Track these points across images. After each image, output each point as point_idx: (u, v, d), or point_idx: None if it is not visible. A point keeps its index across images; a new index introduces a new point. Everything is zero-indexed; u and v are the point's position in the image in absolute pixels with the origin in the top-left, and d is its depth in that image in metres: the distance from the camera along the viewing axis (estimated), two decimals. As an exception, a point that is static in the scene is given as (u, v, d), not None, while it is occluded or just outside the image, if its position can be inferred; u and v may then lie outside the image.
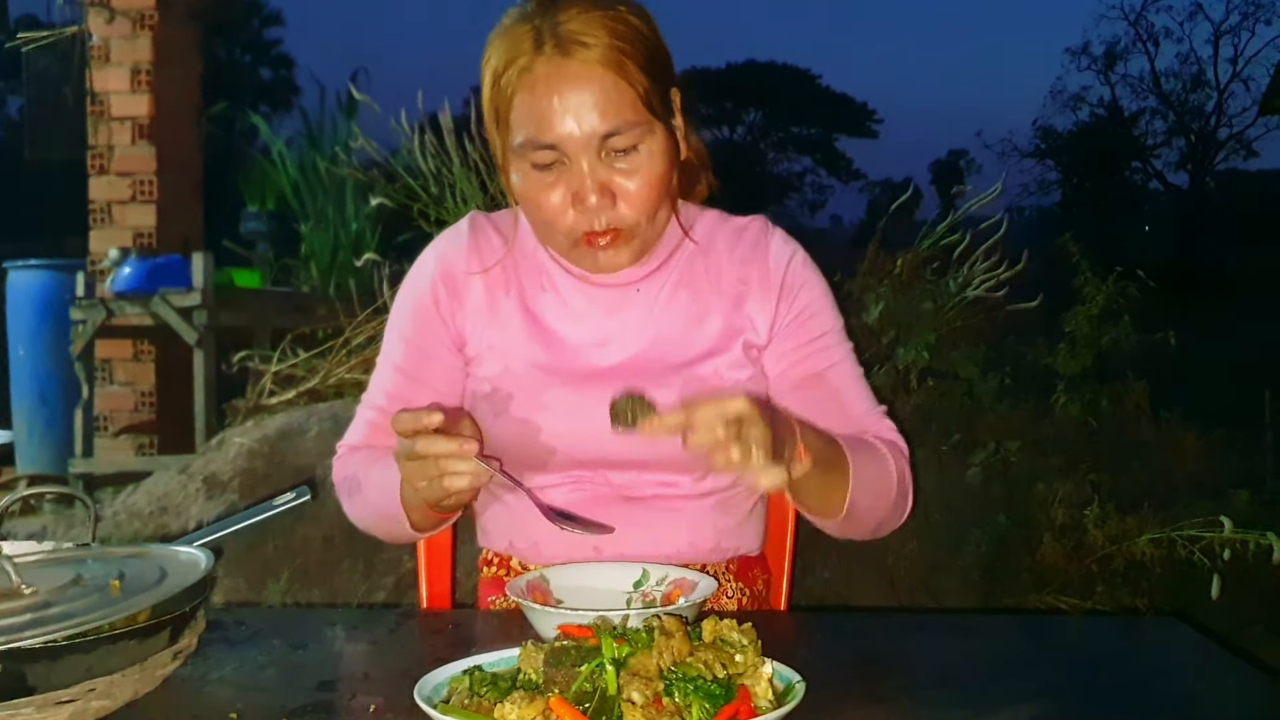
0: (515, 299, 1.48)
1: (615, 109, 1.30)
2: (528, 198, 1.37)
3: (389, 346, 1.53)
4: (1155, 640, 1.30)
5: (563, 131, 1.30)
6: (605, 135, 1.31)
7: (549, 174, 1.34)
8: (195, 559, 1.15)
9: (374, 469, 1.43)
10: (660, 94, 1.35)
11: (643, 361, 1.44)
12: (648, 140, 1.34)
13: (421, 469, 1.20)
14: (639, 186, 1.34)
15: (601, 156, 1.32)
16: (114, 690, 0.99)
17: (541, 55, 1.30)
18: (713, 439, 1.09)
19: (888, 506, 1.41)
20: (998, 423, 3.16)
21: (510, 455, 1.45)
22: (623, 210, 1.35)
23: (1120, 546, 2.81)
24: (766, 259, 1.48)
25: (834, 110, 41.01)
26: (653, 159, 1.34)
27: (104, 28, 5.53)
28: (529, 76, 1.31)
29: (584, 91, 1.30)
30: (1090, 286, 3.30)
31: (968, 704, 1.03)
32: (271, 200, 6.16)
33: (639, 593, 1.34)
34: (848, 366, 1.49)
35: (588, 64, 1.30)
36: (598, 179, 1.32)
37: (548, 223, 1.37)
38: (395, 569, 3.06)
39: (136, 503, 3.55)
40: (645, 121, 1.33)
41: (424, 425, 1.17)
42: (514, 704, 0.88)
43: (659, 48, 1.36)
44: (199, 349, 4.77)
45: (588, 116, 1.30)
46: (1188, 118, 32.13)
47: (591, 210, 1.33)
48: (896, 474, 1.41)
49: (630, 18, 1.33)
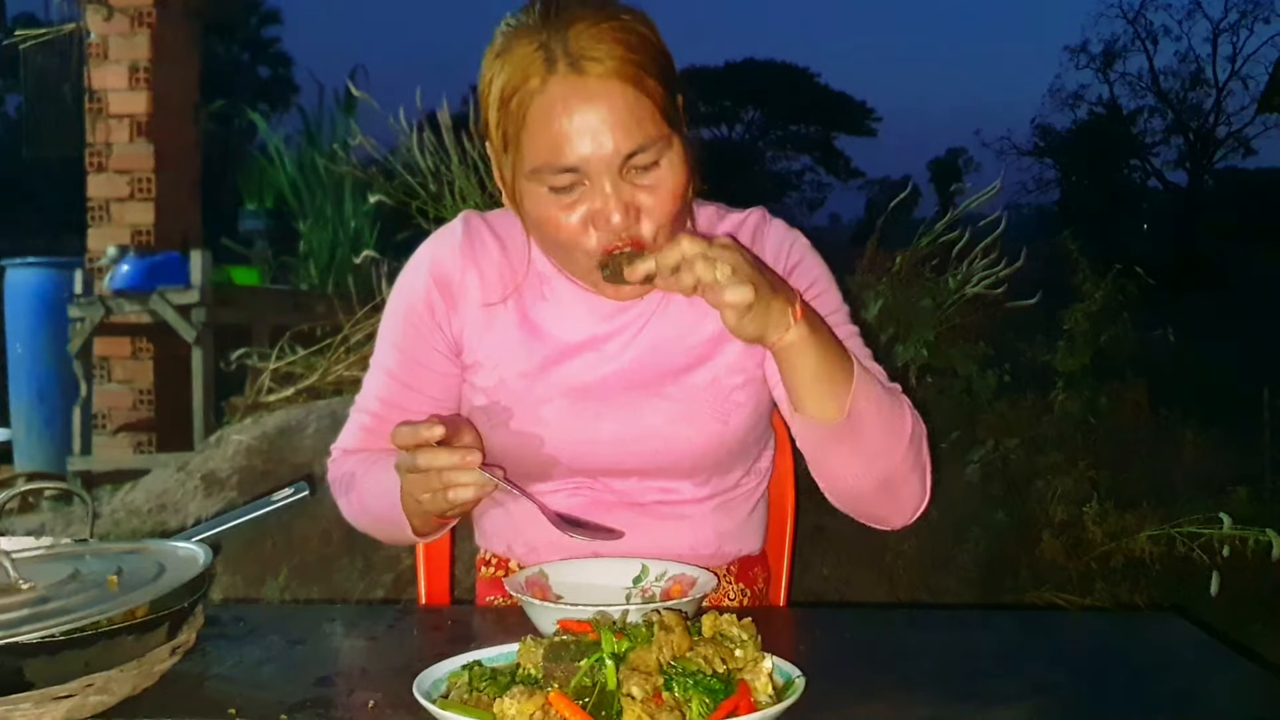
0: (513, 307, 1.44)
1: (637, 125, 1.24)
2: (546, 221, 1.30)
3: (382, 350, 1.49)
4: (1154, 635, 1.30)
5: (584, 153, 1.24)
6: (628, 154, 1.25)
7: (567, 195, 1.27)
8: (193, 554, 1.15)
9: (372, 472, 1.41)
10: (673, 102, 1.30)
11: (641, 368, 1.42)
12: (668, 154, 1.28)
13: (424, 482, 1.19)
14: (661, 201, 1.28)
15: (623, 174, 1.26)
16: (112, 686, 0.99)
17: (554, 75, 1.24)
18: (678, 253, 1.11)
19: (899, 451, 1.30)
20: (997, 420, 3.17)
21: (510, 465, 1.43)
22: (645, 226, 1.29)
23: (1119, 543, 2.82)
24: (766, 249, 1.45)
25: (833, 108, 40.97)
26: (674, 171, 1.29)
27: (102, 25, 5.53)
28: (543, 99, 1.24)
29: (603, 109, 1.23)
30: (1089, 284, 3.30)
31: (967, 699, 1.03)
32: (270, 198, 6.15)
33: (638, 588, 1.34)
34: (856, 347, 1.40)
35: (604, 80, 1.23)
36: (622, 199, 1.26)
37: (567, 245, 1.31)
38: (394, 566, 3.06)
39: (135, 500, 3.54)
40: (665, 135, 1.27)
41: (424, 439, 1.16)
42: (513, 699, 0.88)
43: (666, 54, 1.31)
44: (197, 347, 4.77)
45: (608, 136, 1.23)
46: (1186, 116, 32.14)
47: (614, 230, 1.27)
48: (911, 423, 1.31)
49: (638, 27, 1.27)
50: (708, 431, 1.41)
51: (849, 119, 41.54)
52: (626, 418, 1.40)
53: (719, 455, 1.43)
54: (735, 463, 1.47)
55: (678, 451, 1.41)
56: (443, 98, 3.87)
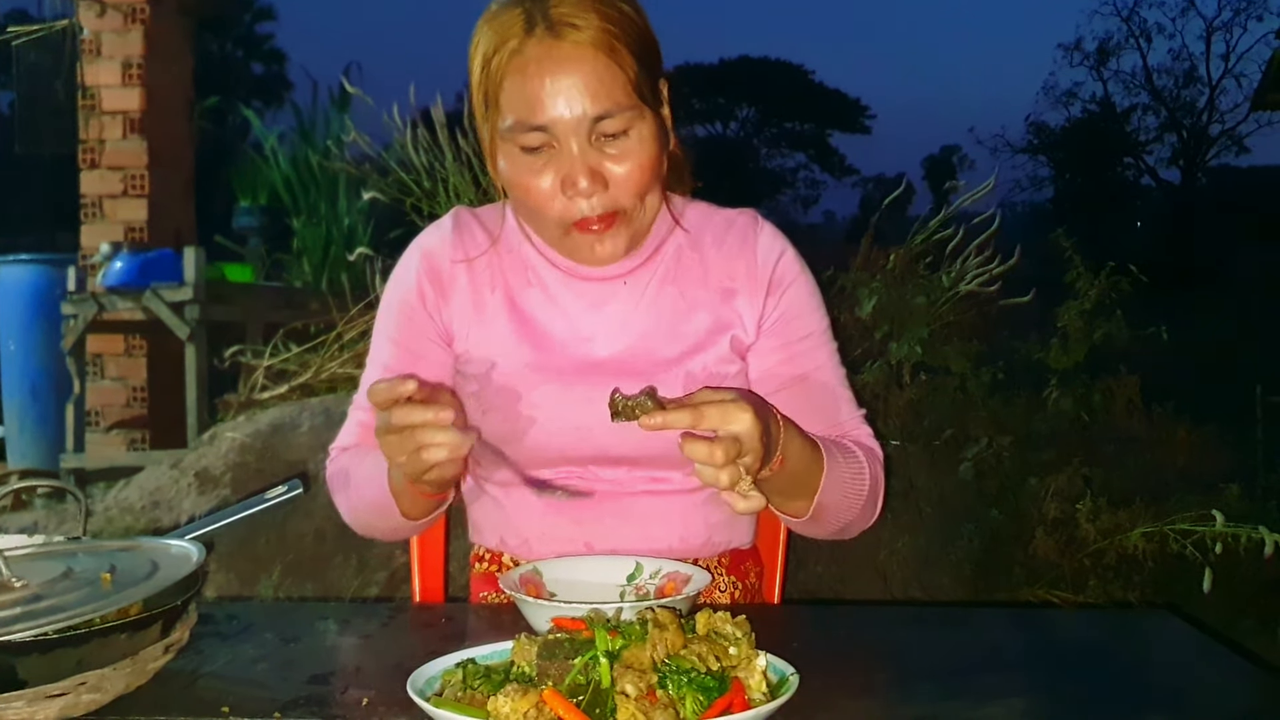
0: (501, 295, 1.46)
1: (606, 91, 1.29)
2: (516, 182, 1.35)
3: (377, 346, 1.51)
4: (1147, 632, 1.31)
5: (553, 114, 1.29)
6: (596, 118, 1.29)
7: (538, 158, 1.32)
8: (187, 552, 1.15)
9: (364, 462, 1.43)
10: (650, 81, 1.34)
11: (630, 356, 1.43)
12: (638, 125, 1.32)
13: (400, 443, 1.17)
14: (629, 170, 1.33)
15: (592, 140, 1.31)
16: (105, 684, 0.99)
17: (532, 37, 1.29)
18: (707, 455, 1.09)
19: (856, 509, 1.40)
20: (990, 418, 3.17)
21: (499, 453, 1.44)
22: (614, 194, 1.33)
23: (1112, 541, 2.82)
24: (755, 254, 1.47)
25: (827, 106, 40.96)
26: (643, 144, 1.33)
27: (95, 22, 5.52)
28: (519, 59, 1.30)
29: (575, 74, 1.28)
30: (1083, 281, 3.31)
31: (960, 696, 1.03)
32: (264, 195, 6.14)
33: (632, 586, 1.34)
34: (831, 369, 1.48)
35: (579, 45, 1.28)
36: (588, 162, 1.31)
37: (537, 208, 1.35)
38: (387, 564, 3.06)
39: (128, 498, 3.54)
40: (635, 106, 1.31)
41: (399, 394, 1.15)
42: (507, 696, 0.88)
43: (648, 35, 1.35)
44: (191, 344, 4.76)
45: (578, 99, 1.28)
46: (1180, 114, 32.19)
47: (581, 194, 1.31)
48: (870, 480, 1.41)
49: (621, 3, 1.32)
50: None
51: (844, 116, 41.55)
52: None
53: None
54: None
55: (667, 440, 1.41)
56: (437, 94, 3.86)
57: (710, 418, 1.10)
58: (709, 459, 1.09)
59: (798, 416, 1.37)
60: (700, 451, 1.09)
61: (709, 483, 1.11)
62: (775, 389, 1.44)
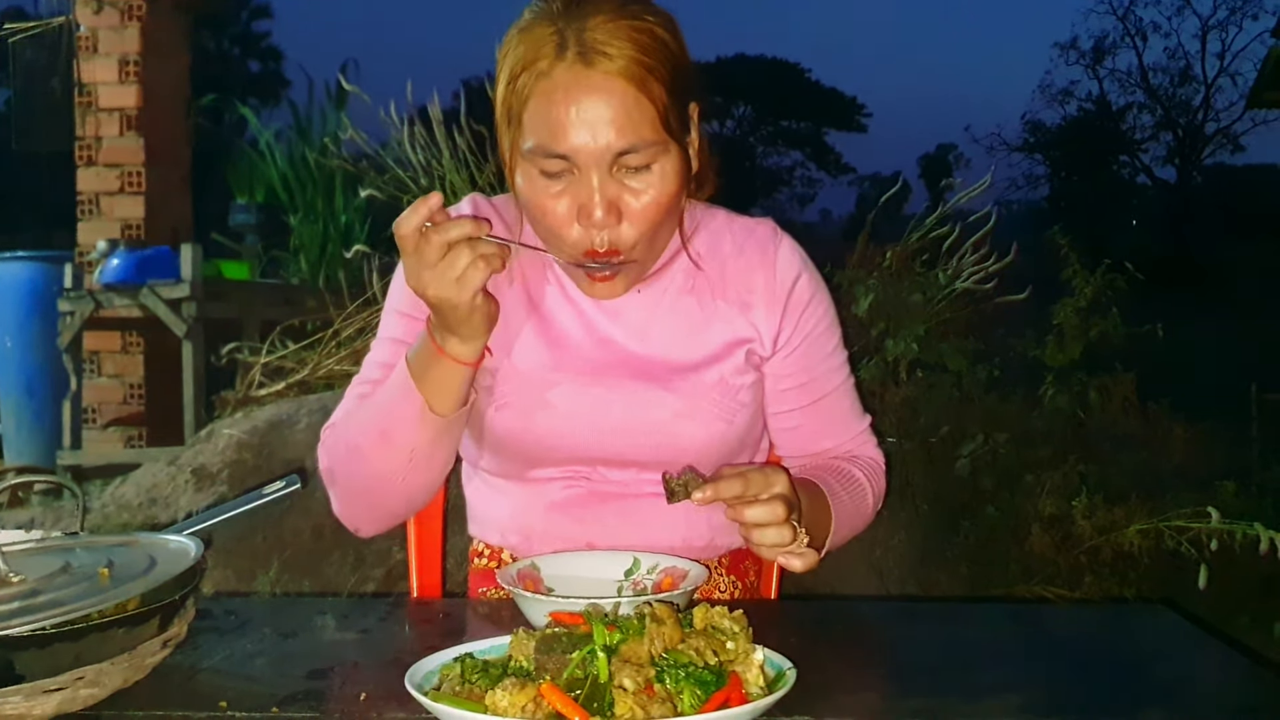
0: (519, 289, 1.44)
1: (633, 126, 1.25)
2: (534, 203, 1.31)
3: (386, 322, 1.46)
4: (1142, 627, 1.31)
5: (576, 143, 1.25)
6: (620, 152, 1.25)
7: (556, 182, 1.28)
8: (185, 547, 1.15)
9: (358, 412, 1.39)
10: (680, 111, 1.30)
11: (645, 362, 1.42)
12: (661, 160, 1.28)
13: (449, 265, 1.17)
14: (647, 206, 1.29)
15: (613, 172, 1.27)
16: (103, 679, 0.99)
17: (562, 61, 1.25)
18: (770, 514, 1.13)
19: (860, 529, 1.48)
20: (986, 414, 3.17)
21: (509, 449, 1.44)
22: (625, 230, 1.29)
23: (1108, 537, 2.83)
24: (774, 269, 1.45)
25: (823, 104, 40.99)
26: (664, 179, 1.29)
27: (91, 18, 5.51)
28: (547, 82, 1.25)
29: (602, 105, 1.24)
30: (1078, 279, 3.32)
31: (957, 691, 1.03)
32: (260, 192, 6.12)
33: (630, 581, 1.34)
34: (846, 389, 1.51)
35: (609, 76, 1.24)
36: (607, 195, 1.27)
37: (551, 231, 1.32)
38: (385, 560, 3.06)
39: (125, 495, 3.53)
40: (662, 141, 1.27)
41: (430, 208, 1.16)
42: (505, 691, 0.88)
43: (683, 62, 1.30)
44: (188, 341, 4.76)
45: (603, 131, 1.24)
46: (1175, 112, 32.26)
47: (596, 225, 1.28)
48: (872, 499, 1.47)
49: (658, 30, 1.27)
50: (712, 430, 1.41)
51: (840, 115, 41.59)
52: (633, 408, 1.40)
53: (721, 453, 1.43)
54: (734, 459, 1.47)
55: (680, 447, 1.41)
56: (434, 92, 3.86)
57: (755, 483, 1.14)
58: (773, 517, 1.14)
59: (812, 435, 1.46)
60: (761, 513, 1.14)
61: (773, 545, 1.15)
62: (791, 407, 1.47)
